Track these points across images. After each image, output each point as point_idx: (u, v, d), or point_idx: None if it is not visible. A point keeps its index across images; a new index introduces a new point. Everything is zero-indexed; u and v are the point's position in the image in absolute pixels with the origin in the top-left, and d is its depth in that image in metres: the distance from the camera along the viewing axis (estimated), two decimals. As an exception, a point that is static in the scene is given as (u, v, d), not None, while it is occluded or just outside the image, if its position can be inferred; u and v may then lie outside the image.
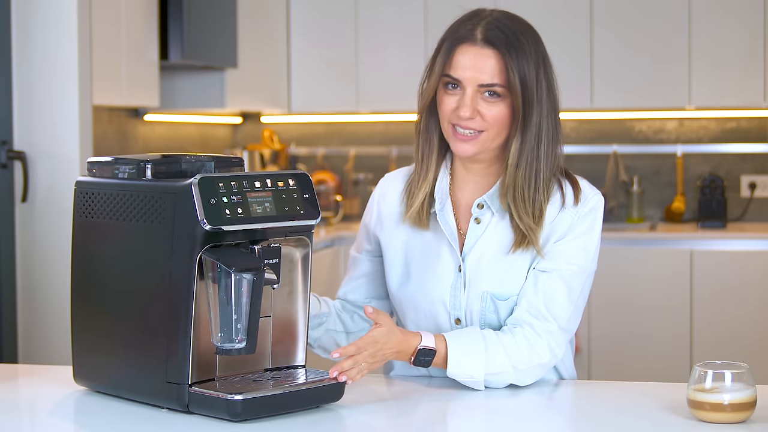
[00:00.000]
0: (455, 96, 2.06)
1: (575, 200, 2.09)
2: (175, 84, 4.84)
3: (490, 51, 2.05)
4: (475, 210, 2.11)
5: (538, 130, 2.06)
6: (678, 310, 4.78)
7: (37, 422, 1.88)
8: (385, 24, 5.32)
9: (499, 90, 2.04)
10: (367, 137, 5.74)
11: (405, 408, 1.96)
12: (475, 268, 2.09)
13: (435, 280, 2.11)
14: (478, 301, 2.08)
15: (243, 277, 1.78)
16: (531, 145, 2.06)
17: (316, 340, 2.19)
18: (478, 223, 2.11)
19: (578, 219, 2.08)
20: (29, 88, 3.73)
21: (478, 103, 2.04)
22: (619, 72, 5.13)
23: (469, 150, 2.06)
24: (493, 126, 2.05)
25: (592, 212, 2.09)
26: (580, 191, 2.10)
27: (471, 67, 2.04)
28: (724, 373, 1.73)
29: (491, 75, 2.04)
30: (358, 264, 2.26)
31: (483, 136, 2.05)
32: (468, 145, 2.06)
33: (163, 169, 1.86)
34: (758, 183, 5.32)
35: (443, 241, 2.12)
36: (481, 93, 2.04)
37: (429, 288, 2.12)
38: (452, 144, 2.08)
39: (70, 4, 3.69)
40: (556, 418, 1.93)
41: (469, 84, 2.04)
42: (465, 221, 2.13)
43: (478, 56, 2.05)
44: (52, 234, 3.73)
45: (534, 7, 5.10)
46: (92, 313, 1.93)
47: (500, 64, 2.04)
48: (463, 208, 2.14)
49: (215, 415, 1.76)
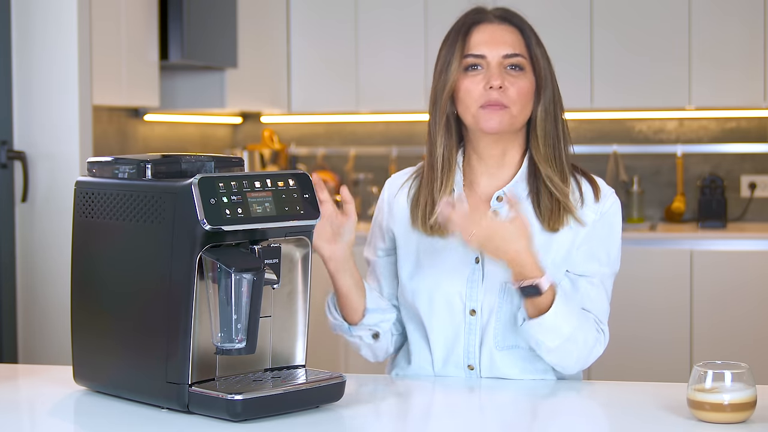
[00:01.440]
0: (479, 75, 2.09)
1: (595, 198, 2.13)
2: (175, 84, 4.84)
3: (507, 26, 2.12)
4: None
5: (555, 104, 2.13)
6: (678, 310, 4.78)
7: (37, 422, 1.88)
8: (385, 24, 5.32)
9: (521, 62, 2.09)
10: (367, 137, 5.73)
11: (405, 408, 1.96)
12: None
13: (450, 272, 2.12)
14: (495, 293, 2.09)
15: (243, 277, 1.78)
16: (551, 117, 2.12)
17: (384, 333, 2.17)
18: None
19: (602, 217, 2.12)
20: (29, 88, 3.74)
21: (504, 77, 2.08)
22: (619, 72, 5.13)
23: (498, 124, 2.08)
24: (517, 101, 2.08)
25: (618, 213, 2.15)
26: (599, 189, 2.15)
27: (491, 42, 2.10)
28: (724, 373, 1.73)
29: (513, 46, 2.10)
30: (377, 267, 2.25)
31: (508, 111, 2.08)
32: (497, 117, 2.07)
33: (163, 169, 1.86)
34: (758, 183, 5.32)
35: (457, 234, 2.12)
36: (504, 67, 2.08)
37: (444, 280, 2.12)
38: (480, 122, 2.09)
39: (70, 4, 3.69)
40: (557, 418, 1.93)
41: (493, 57, 2.09)
42: None
43: (496, 30, 2.11)
44: (52, 234, 3.73)
45: (534, 7, 5.08)
46: (92, 313, 1.93)
47: (518, 37, 2.11)
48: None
49: (215, 415, 1.76)
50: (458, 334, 2.13)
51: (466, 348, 2.12)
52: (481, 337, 2.11)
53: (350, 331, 2.16)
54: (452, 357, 2.14)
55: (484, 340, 2.11)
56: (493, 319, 2.10)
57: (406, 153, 5.58)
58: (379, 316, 2.16)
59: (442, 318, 2.13)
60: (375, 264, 2.25)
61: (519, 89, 2.08)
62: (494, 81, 2.07)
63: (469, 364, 2.13)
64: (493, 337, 2.10)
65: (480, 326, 2.10)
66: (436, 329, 2.14)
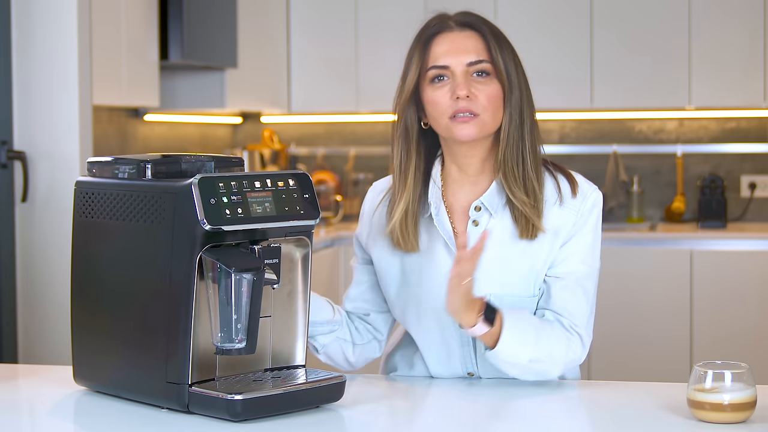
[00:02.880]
0: (445, 86, 2.06)
1: (572, 193, 2.09)
2: (175, 84, 4.84)
3: (468, 32, 2.08)
4: (473, 213, 2.10)
5: (522, 108, 2.07)
6: (678, 310, 4.78)
7: (37, 422, 1.88)
8: (385, 24, 5.32)
9: (486, 67, 2.06)
10: (367, 137, 5.74)
11: (405, 408, 1.96)
12: (478, 271, 2.08)
13: (436, 286, 2.08)
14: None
15: (243, 277, 1.78)
16: (516, 122, 2.07)
17: (324, 347, 2.16)
18: (476, 225, 2.10)
19: (581, 217, 2.08)
20: (29, 88, 3.74)
21: (471, 85, 2.04)
22: (619, 72, 5.13)
23: (471, 132, 2.04)
24: (488, 108, 2.05)
25: (594, 209, 2.10)
26: (576, 184, 2.10)
27: (454, 51, 2.06)
28: (724, 373, 1.73)
29: (476, 52, 2.06)
30: (359, 273, 2.23)
31: (479, 119, 2.05)
32: (469, 126, 2.04)
33: (163, 169, 1.86)
34: (758, 183, 5.32)
35: (438, 247, 2.10)
36: (470, 74, 2.05)
37: (430, 295, 2.10)
38: (453, 133, 2.05)
39: (70, 4, 3.69)
40: (557, 418, 1.93)
41: (457, 66, 2.05)
42: (460, 225, 2.12)
43: (458, 38, 2.08)
44: (52, 234, 3.73)
45: (534, 7, 5.10)
46: (92, 313, 1.93)
47: (481, 43, 2.07)
48: (458, 213, 2.13)
49: (215, 415, 1.76)
50: (452, 346, 2.11)
51: (462, 358, 2.11)
52: (475, 346, 2.10)
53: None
54: (449, 367, 2.12)
55: (479, 349, 2.09)
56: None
57: (406, 153, 5.57)
58: (319, 329, 2.13)
59: (433, 332, 2.11)
60: (358, 270, 2.23)
61: (488, 95, 2.04)
62: (459, 91, 2.03)
63: (469, 371, 2.12)
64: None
65: (472, 337, 2.09)
66: (429, 343, 2.13)
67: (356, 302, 2.22)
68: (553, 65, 5.11)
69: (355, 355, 2.19)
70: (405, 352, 2.22)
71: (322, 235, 4.90)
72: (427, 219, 2.11)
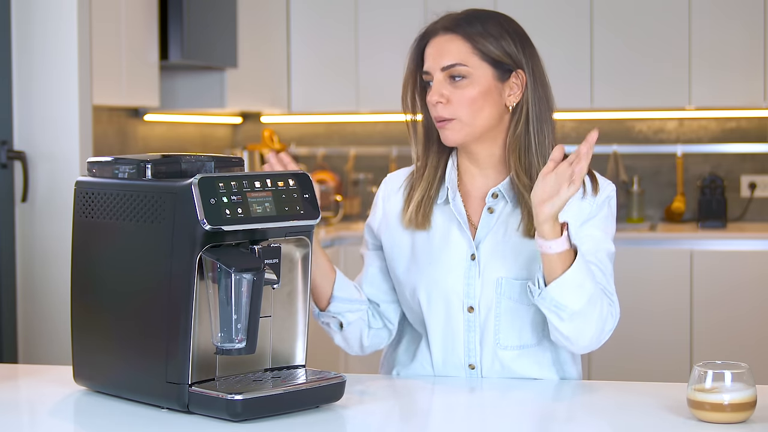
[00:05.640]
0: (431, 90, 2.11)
1: (594, 191, 2.13)
2: (175, 84, 4.84)
3: (450, 35, 2.11)
4: (489, 200, 2.13)
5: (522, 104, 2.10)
6: (678, 310, 4.78)
7: (37, 422, 1.88)
8: (385, 24, 5.32)
9: (461, 70, 2.08)
10: (367, 137, 5.73)
11: (405, 408, 1.96)
12: (490, 255, 2.10)
13: (446, 270, 2.12)
14: (492, 288, 2.09)
15: (243, 277, 1.78)
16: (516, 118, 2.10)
17: (349, 324, 2.18)
18: (491, 212, 2.12)
19: (597, 207, 2.12)
20: (29, 88, 3.74)
21: (448, 89, 2.08)
22: (619, 72, 5.13)
23: (450, 137, 2.10)
24: (465, 109, 2.08)
25: (608, 199, 2.14)
26: (597, 183, 2.14)
27: (435, 55, 2.11)
28: (724, 373, 1.73)
29: (452, 56, 2.09)
30: (369, 258, 2.26)
31: (456, 123, 2.09)
32: (447, 132, 2.10)
33: (163, 169, 1.86)
34: (758, 183, 5.32)
35: (452, 231, 2.13)
36: (448, 78, 2.09)
37: (440, 278, 2.13)
38: (441, 137, 2.12)
39: (70, 4, 3.69)
40: (557, 418, 1.93)
41: (435, 71, 2.11)
42: (475, 213, 2.16)
43: (440, 43, 2.12)
44: (52, 234, 3.73)
45: (534, 7, 5.10)
46: (92, 313, 1.93)
47: (462, 44, 2.09)
48: (473, 200, 2.16)
49: (215, 415, 1.76)
50: (457, 331, 2.13)
51: (467, 346, 2.12)
52: (481, 335, 2.11)
53: (317, 316, 2.18)
54: (453, 356, 2.14)
55: (484, 339, 2.11)
56: (492, 316, 2.10)
57: (406, 153, 5.57)
58: (346, 305, 2.16)
59: (440, 315, 2.13)
60: (369, 255, 2.26)
61: (461, 98, 2.07)
62: (431, 97, 2.10)
63: (470, 363, 2.13)
64: (494, 335, 2.11)
65: (479, 324, 2.11)
66: (435, 326, 2.14)
67: (366, 287, 2.24)
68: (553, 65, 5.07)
69: (369, 339, 2.22)
70: (407, 346, 2.24)
71: (322, 235, 4.90)
72: (442, 204, 2.16)
